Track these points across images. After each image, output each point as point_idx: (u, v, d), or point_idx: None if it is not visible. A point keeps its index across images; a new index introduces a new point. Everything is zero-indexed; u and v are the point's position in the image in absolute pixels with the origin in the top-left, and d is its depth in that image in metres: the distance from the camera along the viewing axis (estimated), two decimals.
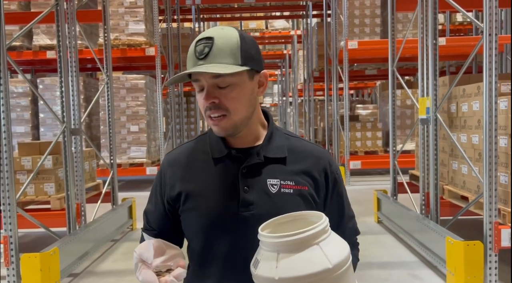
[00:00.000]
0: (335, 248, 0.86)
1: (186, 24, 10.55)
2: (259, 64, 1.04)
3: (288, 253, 0.84)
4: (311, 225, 0.87)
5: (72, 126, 3.54)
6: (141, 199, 5.35)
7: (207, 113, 1.01)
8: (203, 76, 0.99)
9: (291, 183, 1.04)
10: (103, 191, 4.27)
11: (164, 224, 1.12)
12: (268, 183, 1.04)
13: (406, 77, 10.23)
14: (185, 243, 1.14)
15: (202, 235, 1.05)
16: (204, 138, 1.13)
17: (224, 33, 0.99)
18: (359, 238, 1.19)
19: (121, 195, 4.64)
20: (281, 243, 0.84)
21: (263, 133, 1.09)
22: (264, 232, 0.89)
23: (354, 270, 1.07)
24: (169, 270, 0.97)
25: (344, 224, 1.12)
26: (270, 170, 1.05)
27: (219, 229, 1.03)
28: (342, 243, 0.89)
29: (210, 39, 0.98)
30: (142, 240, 1.15)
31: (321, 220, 0.88)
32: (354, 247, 1.13)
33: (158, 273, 0.97)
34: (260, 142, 1.08)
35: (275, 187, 1.04)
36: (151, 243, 1.00)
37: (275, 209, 0.99)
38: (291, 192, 1.04)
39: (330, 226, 0.89)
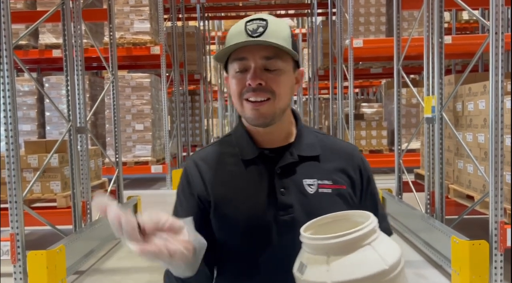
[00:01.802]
0: (387, 248, 0.81)
1: (191, 23, 10.56)
2: (299, 60, 1.01)
3: (340, 255, 0.78)
4: (354, 225, 0.82)
5: (78, 125, 3.55)
6: (146, 197, 5.39)
7: (247, 95, 0.94)
8: (254, 55, 0.93)
9: (328, 182, 0.99)
10: (109, 189, 4.29)
11: (202, 228, 0.93)
12: (304, 183, 0.98)
13: (412, 76, 10.18)
14: None
15: (239, 243, 0.98)
16: (228, 140, 1.05)
17: (277, 19, 0.96)
18: None
19: (126, 193, 4.66)
20: (332, 244, 0.78)
21: (293, 131, 1.04)
22: (307, 234, 0.84)
23: None
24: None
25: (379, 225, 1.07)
26: (305, 170, 1.00)
27: (257, 236, 0.96)
28: (393, 243, 0.84)
29: (263, 20, 0.94)
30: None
31: (370, 219, 0.82)
32: None
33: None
34: (291, 141, 1.02)
35: (313, 187, 0.98)
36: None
37: (314, 211, 0.93)
38: (330, 191, 0.98)
39: None
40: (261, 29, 0.92)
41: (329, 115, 9.06)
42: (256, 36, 0.91)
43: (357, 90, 16.78)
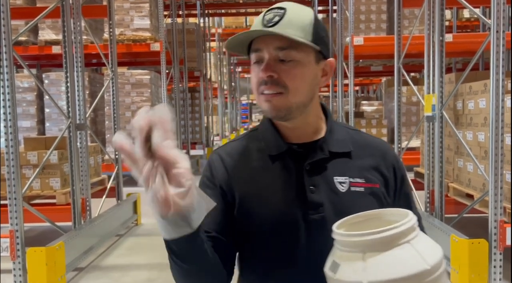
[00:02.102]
0: (428, 247, 0.75)
1: (191, 20, 10.54)
2: (327, 50, 0.94)
3: (377, 253, 0.73)
4: (388, 225, 0.76)
5: (78, 122, 3.55)
6: (145, 194, 5.35)
7: (261, 89, 0.90)
8: (267, 45, 0.88)
9: (361, 181, 0.94)
10: (108, 186, 4.29)
11: (222, 222, 0.92)
12: (335, 181, 0.93)
13: (412, 74, 10.16)
14: None
15: (265, 242, 0.92)
16: (254, 134, 1.00)
17: (299, 7, 0.91)
18: None
19: (126, 190, 4.66)
20: (369, 241, 0.73)
21: (323, 127, 0.98)
22: (341, 231, 0.79)
23: None
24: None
25: None
26: (336, 166, 0.94)
27: (285, 235, 0.91)
28: (433, 242, 0.78)
29: (282, 9, 0.89)
30: None
31: (408, 216, 0.76)
32: None
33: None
34: (320, 136, 0.96)
35: (344, 185, 0.93)
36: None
37: (346, 210, 0.87)
38: (362, 190, 0.93)
39: None
40: (276, 19, 0.88)
41: None
42: (270, 26, 0.87)
43: (357, 88, 16.77)
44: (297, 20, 0.89)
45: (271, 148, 0.95)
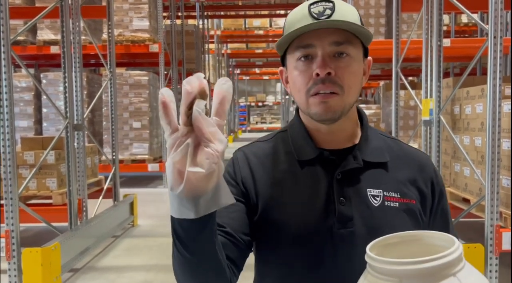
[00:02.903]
0: (476, 281, 0.67)
1: (190, 21, 10.55)
2: (368, 47, 0.88)
3: None
4: (427, 249, 0.69)
5: (75, 122, 3.54)
6: (142, 195, 5.38)
7: (315, 89, 0.81)
8: (321, 41, 0.81)
9: (396, 195, 0.85)
10: (105, 187, 4.28)
11: (239, 220, 0.86)
12: (368, 193, 0.85)
13: (410, 78, 10.19)
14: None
15: (286, 252, 0.86)
16: (283, 136, 0.92)
17: (342, 2, 0.84)
18: None
19: (122, 191, 4.65)
20: (407, 271, 0.64)
21: (358, 132, 0.90)
22: (376, 255, 0.70)
23: None
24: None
25: None
26: (370, 178, 0.86)
27: (309, 248, 0.84)
28: (480, 275, 0.70)
29: (329, 2, 0.81)
30: None
31: (455, 244, 0.67)
32: None
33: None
34: (355, 142, 0.89)
35: (378, 199, 0.85)
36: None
37: (377, 226, 0.81)
38: (397, 205, 0.85)
39: None
40: (328, 12, 0.80)
41: None
42: (325, 19, 0.80)
43: None
44: (349, 13, 0.82)
45: (301, 153, 0.88)
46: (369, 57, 0.89)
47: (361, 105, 10.49)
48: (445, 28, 8.41)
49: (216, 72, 13.66)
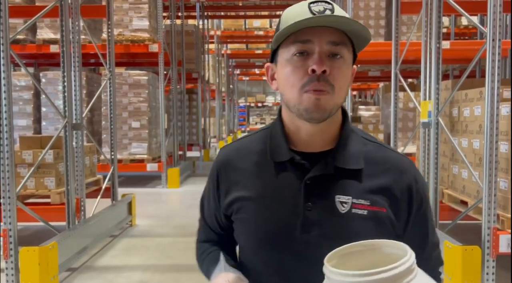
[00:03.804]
0: None
1: (190, 21, 10.55)
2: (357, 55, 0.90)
3: None
4: (387, 258, 0.70)
5: (74, 121, 3.54)
6: (141, 195, 5.38)
7: (310, 86, 0.82)
8: (320, 38, 0.81)
9: (365, 203, 0.85)
10: (103, 186, 4.28)
11: (219, 226, 1.00)
12: (337, 200, 0.85)
13: (409, 80, 10.20)
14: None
15: (254, 251, 0.91)
16: (266, 134, 0.94)
17: (338, 7, 0.86)
18: None
19: (121, 191, 4.65)
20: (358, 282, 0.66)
21: (337, 135, 0.90)
22: (330, 264, 0.72)
23: None
24: None
25: (427, 253, 0.92)
26: (341, 184, 0.86)
27: (274, 249, 0.88)
28: None
29: (329, 3, 0.83)
30: (202, 234, 1.05)
31: (407, 255, 0.68)
32: (438, 279, 0.95)
33: None
34: (332, 146, 0.89)
35: (346, 205, 0.85)
36: (230, 278, 0.86)
37: (343, 233, 0.83)
38: (365, 213, 0.85)
39: None
40: (328, 12, 0.81)
41: None
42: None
43: (355, 92, 16.81)
44: (345, 14, 0.84)
45: (275, 154, 0.89)
46: (354, 66, 0.90)
47: (361, 107, 10.50)
48: (445, 30, 8.42)
49: (216, 72, 13.66)
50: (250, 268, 0.92)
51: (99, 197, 4.09)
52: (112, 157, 4.36)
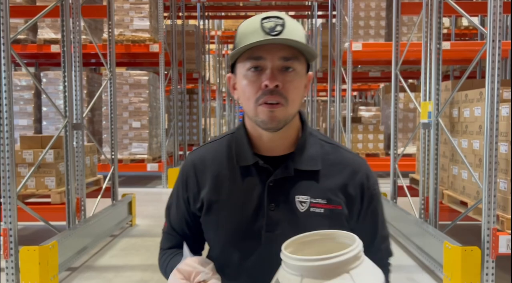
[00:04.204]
0: (368, 278, 0.75)
1: (191, 22, 10.56)
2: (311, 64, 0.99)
3: (314, 279, 0.73)
4: (340, 246, 0.77)
5: (74, 121, 3.55)
6: (141, 195, 5.38)
7: (263, 99, 0.88)
8: (272, 55, 0.88)
9: (322, 201, 0.93)
10: (104, 186, 4.28)
11: (188, 229, 1.05)
12: (296, 200, 0.93)
13: (410, 81, 10.21)
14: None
15: (222, 250, 0.97)
16: (230, 139, 1.01)
17: (291, 19, 0.91)
18: None
19: (121, 191, 4.65)
20: (307, 267, 0.74)
21: (297, 139, 0.98)
22: (288, 251, 0.79)
23: None
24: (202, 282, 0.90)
25: (376, 245, 1.01)
26: (300, 185, 0.94)
27: (241, 245, 0.95)
28: (376, 272, 0.78)
29: (280, 18, 0.89)
30: (166, 242, 1.10)
31: (354, 244, 0.76)
32: (386, 270, 1.05)
33: None
34: (292, 150, 0.96)
35: (304, 205, 0.93)
36: (196, 260, 0.91)
37: (302, 230, 0.88)
38: (322, 211, 0.93)
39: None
40: (279, 28, 0.87)
41: (327, 118, 9.09)
42: (275, 34, 0.86)
43: (355, 93, 16.81)
44: (297, 31, 0.89)
45: (240, 159, 0.96)
46: (309, 73, 0.96)
47: (361, 107, 10.50)
48: (445, 31, 8.42)
49: (217, 72, 13.67)
50: (219, 267, 0.96)
51: (99, 196, 4.09)
52: (113, 156, 4.36)
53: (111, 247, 3.81)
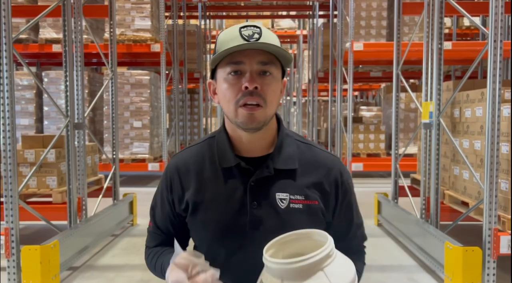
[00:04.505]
0: (340, 272, 0.83)
1: (192, 21, 10.56)
2: (286, 70, 1.05)
3: (293, 281, 0.81)
4: (315, 244, 0.84)
5: (76, 121, 3.55)
6: (142, 194, 5.38)
7: (243, 100, 0.95)
8: (250, 59, 0.95)
9: (300, 198, 1.00)
10: (105, 186, 4.29)
11: (172, 229, 1.10)
12: (277, 197, 1.00)
13: (411, 81, 10.20)
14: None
15: (209, 248, 1.03)
16: (211, 143, 1.07)
17: (266, 29, 0.99)
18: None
19: (122, 190, 4.66)
20: (285, 270, 0.81)
21: (274, 139, 1.05)
22: (269, 253, 0.86)
23: (361, 274, 1.08)
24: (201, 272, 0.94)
25: (353, 232, 1.10)
26: (280, 183, 1.01)
27: (227, 243, 1.01)
28: (347, 265, 0.86)
29: (257, 27, 0.96)
30: (152, 240, 1.13)
31: (326, 244, 0.84)
32: (361, 253, 1.14)
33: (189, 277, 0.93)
34: (270, 150, 1.03)
35: (284, 202, 1.00)
36: (190, 253, 0.95)
37: (284, 226, 0.95)
38: (300, 207, 1.00)
39: (338, 235, 0.87)
40: (256, 35, 0.94)
41: (328, 118, 9.08)
42: (254, 41, 0.94)
43: (356, 93, 16.79)
44: (273, 39, 0.97)
45: (222, 161, 1.02)
46: (284, 79, 1.04)
47: (362, 107, 10.50)
48: (447, 31, 8.41)
49: None
50: (207, 258, 1.00)
51: (100, 196, 4.10)
52: (114, 156, 4.37)
53: (112, 247, 3.82)
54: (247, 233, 0.99)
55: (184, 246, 1.11)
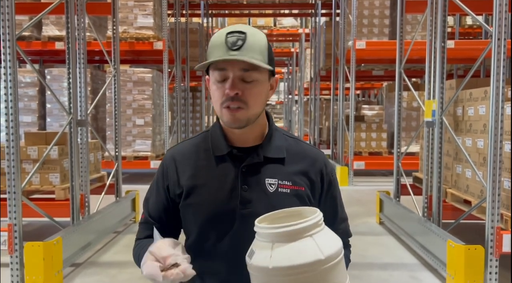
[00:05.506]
0: (328, 240, 0.90)
1: (195, 19, 10.56)
2: (274, 68, 1.11)
3: (282, 243, 0.87)
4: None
5: (79, 118, 3.56)
6: (144, 192, 5.35)
7: (226, 104, 1.04)
8: (233, 67, 1.02)
9: (288, 183, 1.09)
10: (107, 183, 4.30)
11: (165, 217, 1.16)
12: (266, 182, 1.08)
13: (414, 79, 10.18)
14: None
15: (202, 230, 1.09)
16: (206, 135, 1.16)
17: (254, 31, 1.04)
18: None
19: (125, 187, 4.66)
20: (275, 233, 0.88)
21: (264, 133, 1.13)
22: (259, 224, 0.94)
23: (347, 265, 1.11)
24: (174, 265, 0.98)
25: (336, 226, 1.15)
26: (269, 170, 1.09)
27: (218, 225, 1.07)
28: (334, 237, 0.93)
29: (243, 33, 1.02)
30: (143, 231, 1.20)
31: (315, 214, 0.92)
32: (346, 248, 1.15)
33: (163, 269, 0.98)
34: (261, 142, 1.12)
35: (273, 186, 1.08)
36: (166, 242, 1.01)
37: (272, 208, 1.02)
38: (288, 191, 1.08)
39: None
40: (240, 43, 1.01)
41: (330, 116, 9.08)
42: (235, 49, 1.00)
43: (358, 92, 16.78)
44: (257, 44, 1.02)
45: (216, 150, 1.11)
46: (276, 76, 1.12)
47: (364, 106, 10.48)
48: (449, 29, 8.38)
49: None
50: (197, 251, 1.09)
51: (103, 193, 4.11)
52: (116, 153, 4.38)
53: (114, 243, 3.83)
54: (237, 214, 1.06)
55: (175, 236, 1.15)
